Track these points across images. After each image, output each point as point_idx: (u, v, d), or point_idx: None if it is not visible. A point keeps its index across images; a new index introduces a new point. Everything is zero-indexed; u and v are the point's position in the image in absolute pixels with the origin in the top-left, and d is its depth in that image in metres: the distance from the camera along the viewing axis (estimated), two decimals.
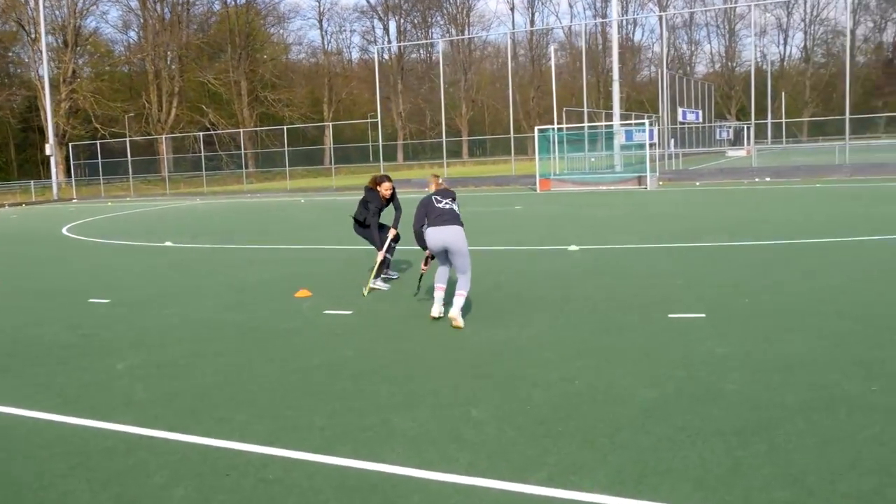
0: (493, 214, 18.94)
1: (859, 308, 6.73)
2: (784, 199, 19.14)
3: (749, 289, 7.83)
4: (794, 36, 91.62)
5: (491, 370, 5.46)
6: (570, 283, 8.81)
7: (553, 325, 6.74)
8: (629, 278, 8.89)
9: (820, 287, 7.79)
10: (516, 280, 9.24)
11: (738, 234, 12.28)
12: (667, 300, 7.52)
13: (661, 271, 9.19)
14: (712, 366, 5.24)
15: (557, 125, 31.66)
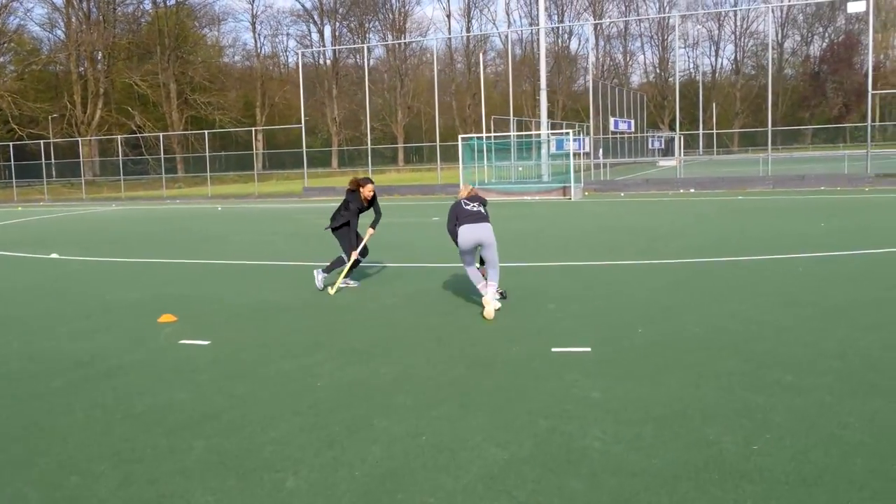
0: (405, 227, 18.25)
1: (755, 343, 6.21)
2: (703, 211, 18.88)
3: (645, 316, 7.27)
4: (726, 48, 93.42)
5: (333, 419, 4.73)
6: (456, 307, 8.14)
7: (423, 360, 6.04)
8: (522, 301, 8.26)
9: (719, 314, 7.26)
10: (402, 304, 8.53)
11: (649, 252, 11.80)
12: (554, 329, 6.91)
13: (558, 294, 8.60)
14: (583, 415, 4.61)
15: (486, 134, 31.16)
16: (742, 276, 9.30)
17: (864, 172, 26.01)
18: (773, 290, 8.36)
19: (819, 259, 10.46)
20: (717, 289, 8.56)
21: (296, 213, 24.17)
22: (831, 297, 7.82)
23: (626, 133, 57.17)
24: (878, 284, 8.46)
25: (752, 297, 8.01)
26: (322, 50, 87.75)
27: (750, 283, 8.85)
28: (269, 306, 8.59)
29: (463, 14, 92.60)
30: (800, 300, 7.73)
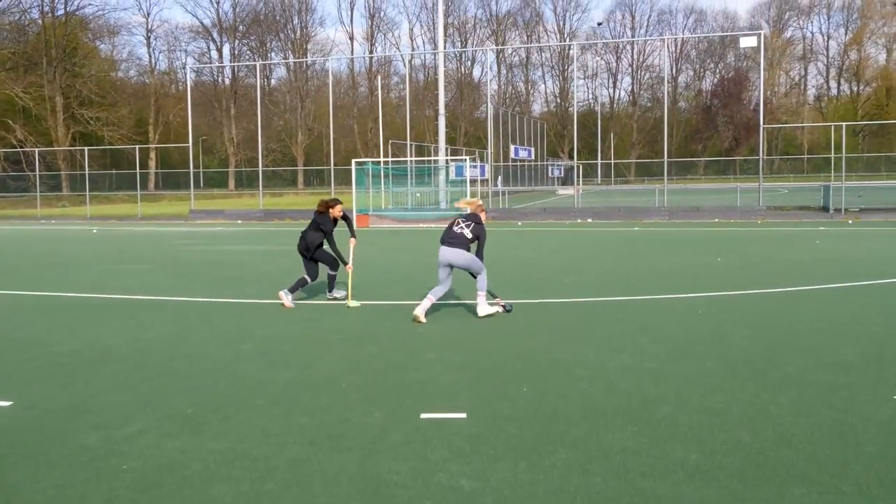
0: (291, 255, 16.99)
1: (652, 406, 5.38)
2: (600, 243, 18.38)
3: (533, 370, 6.39)
4: (623, 80, 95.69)
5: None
6: (316, 357, 7.07)
7: (260, 431, 4.93)
8: (397, 348, 7.26)
9: (612, 368, 6.44)
10: (257, 351, 7.38)
11: (542, 288, 11.02)
12: (428, 387, 5.93)
13: (441, 340, 7.64)
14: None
15: (382, 158, 30.22)
16: (638, 319, 8.56)
17: (756, 205, 26.28)
18: (672, 335, 7.63)
19: (718, 299, 9.87)
20: (611, 335, 7.77)
21: (174, 237, 22.57)
22: (734, 346, 7.13)
23: (527, 161, 57.32)
24: (781, 329, 7.85)
25: (648, 344, 7.24)
26: (217, 67, 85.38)
27: (647, 326, 8.11)
28: (102, 353, 7.31)
29: (366, 37, 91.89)
30: (701, 350, 7.00)
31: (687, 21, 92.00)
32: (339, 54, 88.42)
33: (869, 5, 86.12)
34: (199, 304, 10.34)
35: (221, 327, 8.58)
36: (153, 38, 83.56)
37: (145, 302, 10.53)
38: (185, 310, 9.88)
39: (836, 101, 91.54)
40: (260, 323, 8.77)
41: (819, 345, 7.15)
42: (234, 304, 10.22)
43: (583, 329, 8.12)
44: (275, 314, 9.36)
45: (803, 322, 8.25)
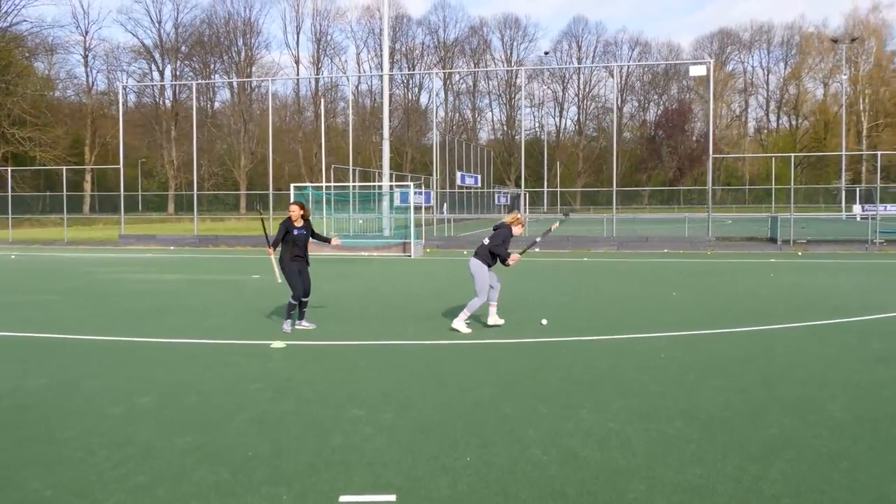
0: (220, 285, 15.83)
1: (618, 483, 4.47)
2: (548, 274, 17.58)
3: (477, 431, 5.43)
4: (569, 109, 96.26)
5: None
6: (234, 411, 6.00)
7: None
8: (320, 403, 6.23)
9: (568, 430, 5.53)
10: (154, 408, 6.28)
11: (489, 327, 10.10)
12: (352, 457, 4.92)
13: (371, 392, 6.64)
14: None
15: (324, 183, 29.13)
16: (596, 364, 7.68)
17: (705, 235, 25.86)
18: (635, 385, 6.76)
19: (680, 340, 9.06)
20: (567, 384, 6.87)
21: (96, 264, 21.12)
22: (706, 399, 6.28)
23: (473, 188, 56.69)
24: (753, 377, 7.04)
25: (610, 397, 6.36)
26: (157, 87, 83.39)
27: (606, 374, 7.24)
28: None
29: (312, 61, 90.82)
30: (669, 405, 6.14)
31: (632, 53, 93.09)
32: (283, 77, 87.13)
33: (807, 41, 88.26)
34: (106, 343, 9.16)
35: (123, 373, 7.45)
36: (91, 58, 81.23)
37: (44, 341, 9.30)
38: (88, 350, 8.70)
39: (775, 133, 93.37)
40: (169, 368, 7.66)
41: (801, 398, 6.35)
42: (146, 344, 9.07)
43: (535, 377, 7.20)
44: (188, 356, 8.24)
45: (776, 369, 7.46)
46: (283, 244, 9.76)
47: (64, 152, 69.93)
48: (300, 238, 9.72)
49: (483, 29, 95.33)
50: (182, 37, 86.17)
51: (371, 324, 10.40)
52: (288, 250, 9.70)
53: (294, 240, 9.67)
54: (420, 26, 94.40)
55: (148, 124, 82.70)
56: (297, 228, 9.71)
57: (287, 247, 9.71)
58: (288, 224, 9.73)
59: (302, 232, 9.73)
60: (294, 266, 9.70)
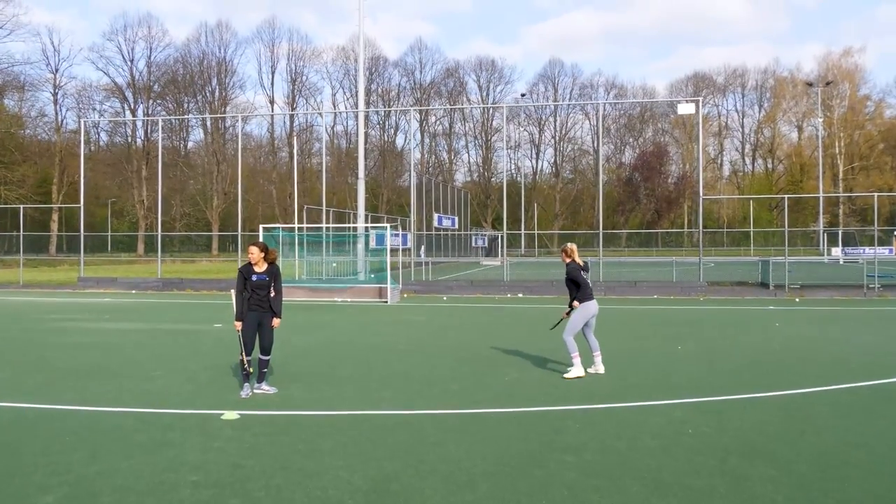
0: (176, 336, 14.31)
1: None
2: (537, 324, 16.26)
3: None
4: (546, 152, 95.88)
5: None
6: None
7: None
8: (295, 484, 4.83)
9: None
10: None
11: (477, 389, 8.73)
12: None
13: (337, 490, 5.23)
14: None
15: (296, 224, 27.76)
16: (611, 445, 6.33)
17: (695, 280, 24.71)
18: (667, 479, 5.41)
19: (703, 408, 7.75)
20: (584, 475, 5.51)
21: (45, 310, 19.48)
22: (764, 498, 4.94)
23: (450, 230, 55.59)
24: (814, 463, 5.73)
25: (639, 492, 5.00)
26: (128, 125, 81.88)
27: (625, 461, 5.89)
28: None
29: (287, 102, 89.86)
30: (714, 495, 4.80)
31: (608, 95, 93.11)
32: (256, 114, 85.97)
33: (781, 85, 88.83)
34: (25, 412, 7.68)
35: (28, 456, 5.99)
36: (62, 96, 79.61)
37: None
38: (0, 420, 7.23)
39: (751, 176, 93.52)
40: (89, 449, 6.20)
41: (882, 494, 5.03)
42: (70, 414, 7.60)
43: (540, 462, 5.84)
44: (117, 432, 6.79)
45: (832, 448, 6.15)
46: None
47: (30, 191, 68.21)
48: (259, 284, 8.31)
49: (459, 71, 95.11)
50: (155, 76, 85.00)
51: (342, 387, 8.98)
52: (244, 299, 8.33)
53: (252, 286, 8.30)
54: (396, 68, 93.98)
55: (119, 164, 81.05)
56: (256, 273, 8.35)
57: (243, 295, 8.35)
58: (246, 270, 8.37)
59: (263, 277, 8.35)
60: (251, 317, 8.31)
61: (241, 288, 8.35)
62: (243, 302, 8.31)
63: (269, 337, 8.46)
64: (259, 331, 8.38)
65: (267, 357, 8.51)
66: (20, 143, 72.79)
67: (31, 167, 71.48)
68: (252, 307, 8.34)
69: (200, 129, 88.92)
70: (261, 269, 8.39)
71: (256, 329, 8.36)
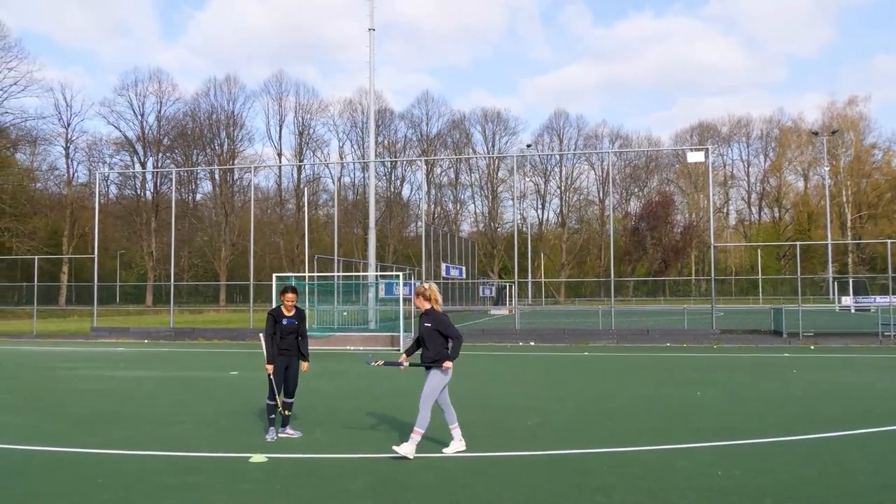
0: (193, 384, 14.30)
1: None
2: (554, 372, 16.23)
3: None
4: (552, 202, 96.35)
5: None
6: None
7: None
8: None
9: None
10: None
11: (502, 436, 8.71)
12: None
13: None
14: None
15: (307, 273, 27.86)
16: (641, 485, 6.29)
17: (708, 328, 24.64)
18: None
19: (728, 452, 7.70)
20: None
21: (60, 359, 19.49)
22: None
23: (458, 279, 55.65)
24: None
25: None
26: (138, 178, 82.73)
27: (662, 495, 5.86)
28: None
29: (295, 154, 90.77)
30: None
31: (613, 146, 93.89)
32: (265, 166, 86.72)
33: (785, 135, 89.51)
34: (49, 456, 7.68)
35: (59, 498, 5.98)
36: (73, 150, 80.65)
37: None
38: (27, 464, 7.24)
39: (758, 225, 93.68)
40: (116, 491, 6.18)
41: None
42: (95, 458, 7.58)
43: (569, 501, 5.80)
44: (142, 475, 6.77)
45: (867, 490, 6.11)
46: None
47: (41, 243, 68.59)
48: (289, 328, 8.37)
49: (464, 123, 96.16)
50: (165, 129, 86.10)
51: (363, 432, 8.97)
52: (274, 343, 8.36)
53: (282, 331, 8.35)
54: (402, 120, 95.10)
55: (128, 216, 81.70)
56: (286, 318, 8.42)
57: (273, 339, 8.39)
58: (277, 314, 8.43)
59: (292, 322, 8.43)
60: (279, 361, 8.36)
61: (271, 332, 8.39)
62: (273, 346, 8.34)
63: (294, 380, 8.53)
64: (286, 374, 8.43)
65: (291, 400, 8.54)
66: (31, 196, 73.50)
67: (42, 219, 72.02)
68: (281, 351, 8.39)
69: (209, 182, 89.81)
70: (290, 314, 8.46)
71: (284, 373, 8.41)
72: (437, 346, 7.54)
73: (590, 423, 9.50)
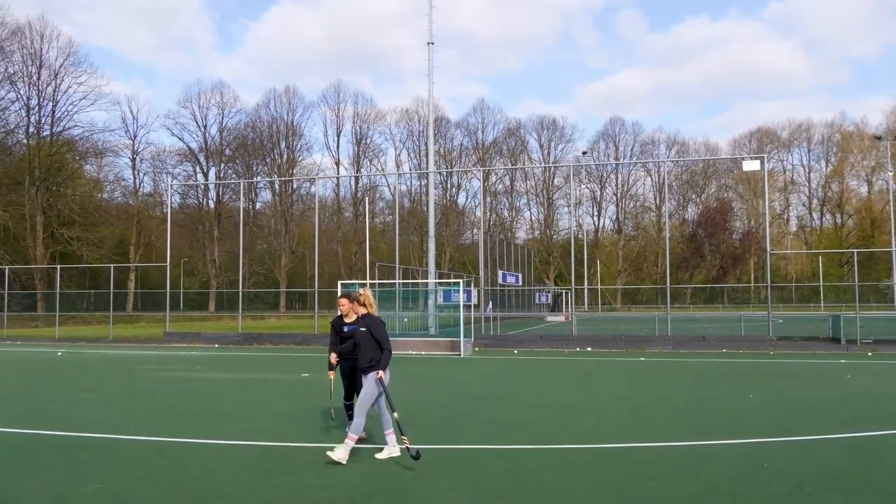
0: (269, 385, 15.28)
1: None
2: (609, 375, 16.81)
3: None
4: (608, 209, 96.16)
5: None
6: None
7: None
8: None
9: None
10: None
11: (559, 432, 9.38)
12: None
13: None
14: None
15: (369, 280, 28.86)
16: (693, 475, 6.92)
17: (765, 335, 24.87)
18: (749, 495, 6.00)
19: (776, 447, 8.26)
20: (669, 491, 6.13)
21: (142, 362, 20.74)
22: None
23: (514, 286, 56.21)
24: (881, 493, 6.24)
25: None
26: (202, 189, 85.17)
27: (708, 487, 6.47)
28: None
29: (352, 163, 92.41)
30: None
31: (669, 152, 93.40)
32: (323, 177, 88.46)
33: (847, 140, 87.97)
34: (155, 445, 8.62)
35: (176, 480, 6.87)
36: (139, 161, 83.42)
37: (88, 441, 8.79)
38: (136, 453, 8.15)
39: (819, 231, 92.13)
40: (225, 474, 7.05)
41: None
42: (197, 447, 8.50)
43: (629, 487, 6.47)
44: (243, 461, 7.64)
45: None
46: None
47: (109, 251, 71.08)
48: (349, 335, 8.58)
49: (520, 130, 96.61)
50: (226, 140, 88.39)
51: (432, 427, 9.79)
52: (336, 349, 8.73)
53: (344, 337, 8.67)
54: (458, 128, 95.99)
55: (191, 225, 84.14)
56: (346, 325, 8.69)
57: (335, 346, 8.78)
58: (338, 322, 8.81)
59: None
60: (345, 365, 8.71)
61: (332, 340, 8.78)
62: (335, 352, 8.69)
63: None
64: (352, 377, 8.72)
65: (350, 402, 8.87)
66: (99, 206, 76.34)
67: (109, 228, 74.67)
68: (345, 356, 8.65)
69: (268, 191, 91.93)
70: (349, 321, 8.71)
71: (348, 377, 8.78)
72: (371, 350, 7.63)
73: (644, 422, 10.10)
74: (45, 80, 68.30)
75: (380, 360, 7.59)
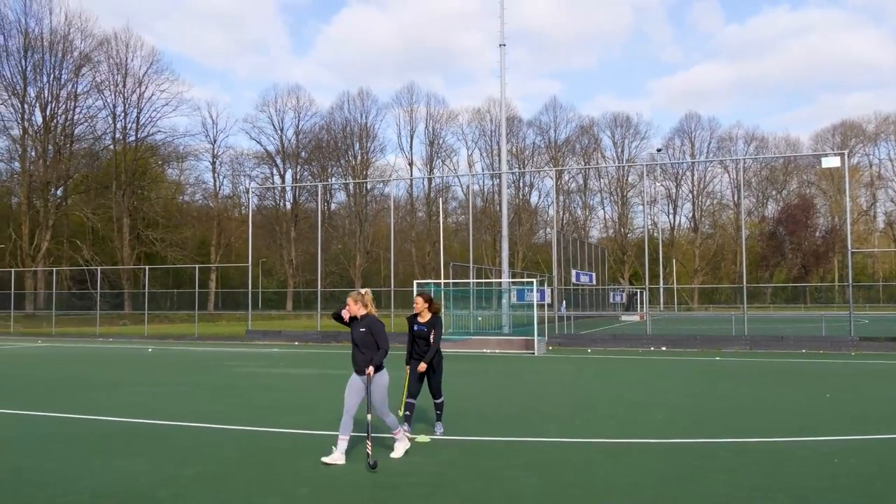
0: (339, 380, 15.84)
1: None
2: (683, 374, 16.86)
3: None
4: (684, 206, 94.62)
5: None
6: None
7: None
8: (478, 502, 5.96)
9: None
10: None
11: (632, 426, 9.63)
12: None
13: (523, 491, 6.32)
14: None
15: (444, 280, 29.37)
16: (760, 468, 7.11)
17: (846, 335, 24.41)
18: (808, 495, 6.18)
19: (849, 445, 8.35)
20: (734, 490, 6.36)
21: (228, 358, 21.68)
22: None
23: (588, 286, 56.05)
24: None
25: (794, 498, 5.82)
26: (279, 191, 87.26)
27: (774, 481, 6.67)
28: (132, 495, 6.19)
29: (425, 164, 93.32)
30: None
31: (747, 148, 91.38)
32: (398, 179, 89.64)
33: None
34: (246, 433, 9.23)
35: (271, 464, 7.41)
36: (218, 164, 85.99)
37: (186, 429, 9.45)
38: (230, 441, 8.77)
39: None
40: (314, 460, 7.56)
41: None
42: (285, 436, 9.07)
43: (695, 478, 6.71)
44: (328, 450, 8.14)
45: None
46: None
47: (192, 252, 73.56)
48: (419, 334, 8.84)
49: (593, 128, 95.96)
50: (302, 143, 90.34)
51: (509, 422, 10.12)
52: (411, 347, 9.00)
53: (415, 335, 8.90)
54: (531, 127, 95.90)
55: (268, 226, 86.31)
56: (418, 324, 8.90)
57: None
58: (411, 320, 9.02)
59: (423, 328, 8.82)
60: (412, 365, 8.97)
61: (410, 338, 9.03)
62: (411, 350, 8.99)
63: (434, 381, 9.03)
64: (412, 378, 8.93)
65: (439, 400, 9.15)
66: (181, 208, 79.11)
67: (191, 230, 77.24)
68: (415, 356, 8.95)
69: (343, 192, 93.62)
70: (423, 320, 8.88)
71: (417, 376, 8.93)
72: (371, 350, 7.62)
73: (715, 418, 10.25)
74: (130, 87, 71.11)
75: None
